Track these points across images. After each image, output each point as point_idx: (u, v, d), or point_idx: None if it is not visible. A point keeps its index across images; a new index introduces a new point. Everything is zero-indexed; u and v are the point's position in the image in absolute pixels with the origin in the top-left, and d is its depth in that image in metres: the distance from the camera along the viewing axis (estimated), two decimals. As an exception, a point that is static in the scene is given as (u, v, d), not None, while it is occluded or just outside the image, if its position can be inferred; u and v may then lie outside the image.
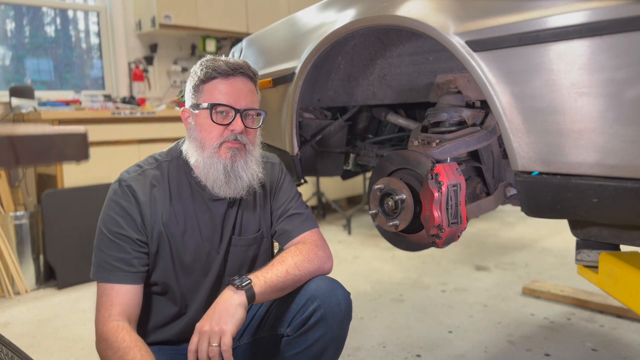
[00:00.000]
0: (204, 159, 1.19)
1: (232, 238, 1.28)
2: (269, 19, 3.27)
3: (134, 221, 1.18)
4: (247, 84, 1.22)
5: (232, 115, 1.18)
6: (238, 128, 1.18)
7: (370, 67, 1.51)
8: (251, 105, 1.21)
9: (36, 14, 3.71)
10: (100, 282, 1.17)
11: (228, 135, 1.18)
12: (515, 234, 3.79)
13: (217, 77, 1.19)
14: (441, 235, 1.15)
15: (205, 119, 1.19)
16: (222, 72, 1.19)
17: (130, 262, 1.17)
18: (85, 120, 3.06)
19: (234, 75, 1.20)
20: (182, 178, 1.24)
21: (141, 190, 1.20)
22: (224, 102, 1.18)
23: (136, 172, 1.23)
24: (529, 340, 2.04)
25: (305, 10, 1.57)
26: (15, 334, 2.25)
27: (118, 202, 1.19)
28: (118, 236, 1.17)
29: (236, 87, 1.19)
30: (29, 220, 2.88)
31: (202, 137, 1.19)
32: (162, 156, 1.28)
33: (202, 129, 1.20)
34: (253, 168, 1.22)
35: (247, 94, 1.21)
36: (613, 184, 0.89)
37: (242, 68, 1.21)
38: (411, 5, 1.14)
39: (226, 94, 1.18)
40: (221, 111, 1.18)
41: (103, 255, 1.17)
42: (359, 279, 2.87)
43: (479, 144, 1.23)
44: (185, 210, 1.23)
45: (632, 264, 1.11)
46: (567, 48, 0.89)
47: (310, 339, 1.17)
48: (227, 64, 1.19)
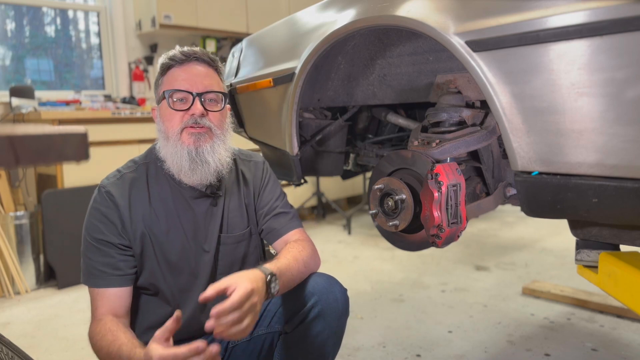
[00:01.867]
0: (169, 148, 1.19)
1: (221, 236, 1.28)
2: (269, 19, 3.27)
3: (114, 226, 1.19)
4: (205, 68, 1.22)
5: (191, 100, 1.18)
6: (197, 111, 1.17)
7: (370, 67, 1.51)
8: (210, 88, 1.20)
9: (36, 14, 3.71)
10: (90, 287, 1.19)
11: (188, 120, 1.18)
12: (515, 234, 3.79)
13: (173, 65, 1.20)
14: (441, 235, 1.15)
15: (165, 108, 1.19)
16: (177, 59, 1.19)
17: (117, 265, 1.18)
18: (85, 120, 3.06)
19: (189, 61, 1.20)
20: (161, 179, 1.25)
21: (119, 194, 1.20)
22: (180, 88, 1.18)
23: (115, 177, 1.24)
24: (529, 340, 2.04)
25: (305, 10, 1.57)
26: (15, 334, 2.25)
27: (98, 208, 1.20)
28: (100, 242, 1.18)
29: (192, 71, 1.20)
30: (29, 220, 2.88)
31: (166, 127, 1.20)
32: (141, 159, 1.28)
33: (164, 119, 1.20)
34: (220, 152, 1.21)
35: (205, 77, 1.20)
36: (613, 184, 0.89)
37: (196, 54, 1.21)
38: (411, 5, 1.14)
39: (183, 80, 1.19)
40: (179, 97, 1.18)
41: (89, 262, 1.19)
42: (359, 279, 2.87)
43: (479, 144, 1.23)
44: (166, 210, 1.23)
45: (632, 264, 1.11)
46: (567, 48, 0.89)
47: (309, 335, 1.18)
48: (181, 52, 1.20)
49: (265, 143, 1.76)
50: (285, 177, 1.70)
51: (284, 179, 1.70)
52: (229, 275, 1.02)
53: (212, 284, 1.00)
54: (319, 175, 1.88)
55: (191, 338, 1.29)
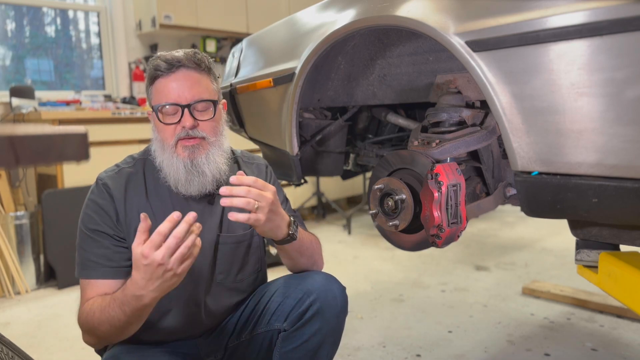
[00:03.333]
0: (165, 159, 1.19)
1: (220, 236, 1.28)
2: (269, 19, 3.26)
3: (109, 217, 1.19)
4: (191, 76, 1.18)
5: (181, 112, 1.17)
6: (188, 123, 1.16)
7: (370, 67, 1.51)
8: (198, 97, 1.18)
9: (36, 14, 3.71)
10: (82, 278, 1.18)
11: (180, 132, 1.17)
12: (515, 234, 3.79)
13: (159, 75, 1.18)
14: (441, 235, 1.15)
15: (158, 120, 1.19)
16: (163, 69, 1.17)
17: (111, 257, 1.17)
18: (85, 120, 3.06)
19: (174, 71, 1.17)
20: (158, 176, 1.24)
21: (116, 187, 1.20)
22: (168, 102, 1.16)
23: (113, 170, 1.24)
24: (529, 340, 2.04)
25: (305, 10, 1.57)
26: (16, 334, 2.25)
27: (94, 200, 1.20)
28: (95, 232, 1.18)
29: (178, 82, 1.17)
30: (29, 220, 2.89)
31: (161, 138, 1.20)
32: (139, 155, 1.29)
33: (158, 129, 1.20)
34: (216, 160, 1.21)
35: (192, 86, 1.18)
36: (613, 184, 0.89)
37: (181, 61, 1.18)
38: (411, 5, 1.14)
39: (169, 92, 1.16)
40: (169, 111, 1.17)
41: (84, 253, 1.18)
42: (359, 278, 2.87)
43: (478, 144, 1.23)
44: (163, 207, 1.23)
45: (632, 264, 1.11)
46: (567, 48, 0.89)
47: (307, 333, 1.18)
48: (166, 60, 1.17)
49: (265, 143, 1.76)
50: (285, 177, 1.70)
51: (284, 179, 1.70)
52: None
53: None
54: (319, 175, 1.88)
55: (189, 338, 1.30)
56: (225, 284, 1.29)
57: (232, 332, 1.32)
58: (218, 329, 1.33)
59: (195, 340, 1.31)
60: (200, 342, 1.31)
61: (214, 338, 1.32)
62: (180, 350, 1.28)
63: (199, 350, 1.30)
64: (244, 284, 1.33)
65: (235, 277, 1.31)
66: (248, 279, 1.34)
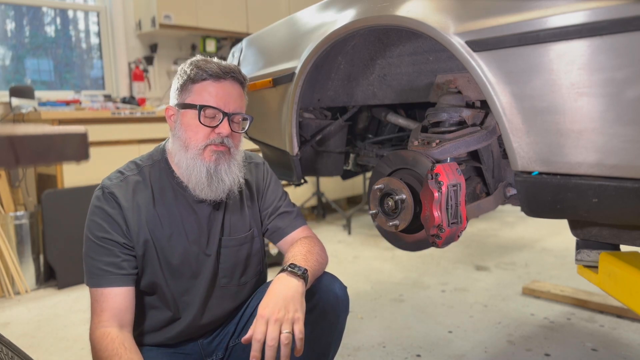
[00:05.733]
0: (187, 160, 1.19)
1: (222, 239, 1.28)
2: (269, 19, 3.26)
3: (119, 226, 1.18)
4: (237, 88, 1.22)
5: (220, 118, 1.18)
6: (225, 131, 1.18)
7: (370, 67, 1.51)
8: (239, 110, 1.22)
9: (36, 14, 3.71)
10: (92, 287, 1.17)
11: (214, 138, 1.18)
12: (515, 234, 3.79)
13: (207, 78, 1.18)
14: (441, 235, 1.15)
15: (192, 119, 1.18)
16: (213, 74, 1.18)
17: (120, 265, 1.17)
18: (85, 120, 3.06)
19: (225, 79, 1.19)
20: (164, 182, 1.24)
21: (123, 196, 1.19)
22: (213, 105, 1.17)
23: (118, 178, 1.22)
24: (529, 340, 2.04)
25: (305, 10, 1.57)
26: (15, 334, 2.25)
27: (102, 207, 1.19)
28: (105, 240, 1.17)
29: (226, 90, 1.19)
30: (29, 220, 2.88)
31: (187, 137, 1.19)
32: (143, 161, 1.27)
33: (187, 128, 1.19)
34: (235, 172, 1.23)
35: (236, 98, 1.21)
36: (613, 184, 0.89)
37: (234, 72, 1.20)
38: (411, 5, 1.14)
39: (216, 96, 1.18)
40: (210, 114, 1.18)
41: (93, 262, 1.17)
42: (359, 279, 2.87)
43: (479, 144, 1.23)
44: (169, 214, 1.23)
45: (632, 264, 1.12)
46: (567, 48, 0.89)
47: (309, 333, 1.18)
48: (218, 67, 1.19)
49: (265, 143, 1.76)
50: (285, 177, 1.70)
51: (284, 179, 1.70)
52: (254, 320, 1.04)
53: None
54: (319, 175, 1.88)
55: (191, 340, 1.30)
56: (228, 288, 1.29)
57: (233, 333, 1.32)
58: (219, 330, 1.33)
59: (197, 341, 1.31)
60: (202, 342, 1.31)
61: (215, 338, 1.33)
62: (182, 351, 1.28)
63: (200, 350, 1.31)
64: (247, 287, 1.33)
65: (238, 280, 1.31)
66: (250, 281, 1.34)
